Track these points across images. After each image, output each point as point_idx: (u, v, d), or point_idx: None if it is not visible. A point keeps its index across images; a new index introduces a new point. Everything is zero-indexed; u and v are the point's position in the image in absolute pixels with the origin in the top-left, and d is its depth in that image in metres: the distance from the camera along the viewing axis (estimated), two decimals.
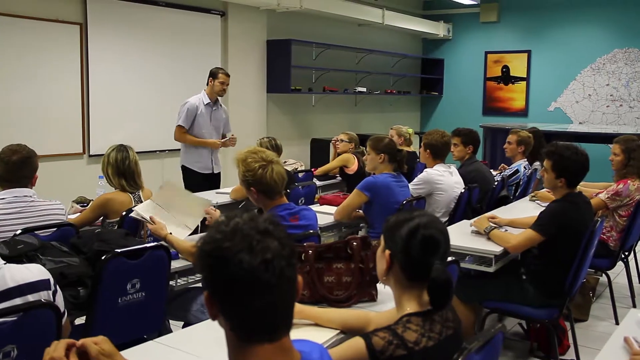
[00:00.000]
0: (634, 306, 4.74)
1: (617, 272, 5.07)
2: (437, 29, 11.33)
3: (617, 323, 4.39)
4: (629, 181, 4.38)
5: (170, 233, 2.99)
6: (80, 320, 2.70)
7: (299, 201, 4.74)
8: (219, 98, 5.70)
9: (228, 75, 5.66)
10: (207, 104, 5.60)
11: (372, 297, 2.40)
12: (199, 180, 5.52)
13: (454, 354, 1.62)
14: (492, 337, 1.67)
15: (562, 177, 3.25)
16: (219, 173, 5.82)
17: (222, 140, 5.64)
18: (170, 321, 3.24)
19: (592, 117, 10.42)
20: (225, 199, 4.89)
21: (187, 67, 7.33)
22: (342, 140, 6.18)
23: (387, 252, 1.76)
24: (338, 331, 2.07)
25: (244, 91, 8.09)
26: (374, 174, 4.18)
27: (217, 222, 1.19)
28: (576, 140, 6.87)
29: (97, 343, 1.35)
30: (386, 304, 2.39)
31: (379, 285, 2.44)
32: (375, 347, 1.60)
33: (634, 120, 10.10)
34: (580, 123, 10.45)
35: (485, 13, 11.12)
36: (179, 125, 5.56)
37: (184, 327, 3.04)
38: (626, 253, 4.72)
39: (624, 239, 4.42)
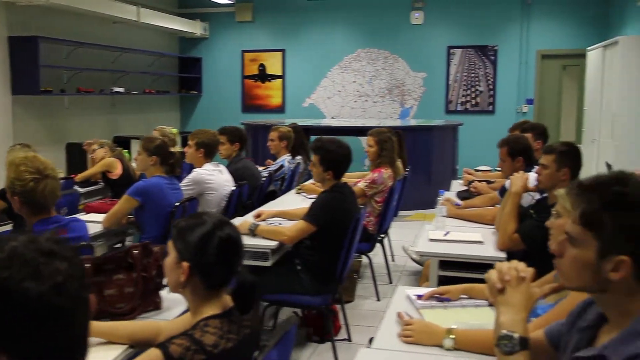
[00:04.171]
0: (391, 282, 5.24)
1: (375, 254, 5.55)
2: (194, 28, 11.27)
3: (378, 299, 4.81)
4: (382, 170, 4.82)
5: None
6: None
7: (60, 211, 4.40)
8: None
9: None
10: None
11: (157, 306, 2.32)
12: None
13: (253, 352, 1.64)
14: (288, 331, 1.71)
15: (329, 170, 3.46)
16: None
17: None
18: None
19: (342, 112, 11.24)
20: None
21: None
22: (95, 149, 5.88)
23: (186, 264, 1.67)
24: (127, 346, 1.97)
25: None
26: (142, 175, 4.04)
27: None
28: (331, 133, 7.36)
29: None
30: (171, 311, 2.34)
31: (162, 292, 2.37)
32: (173, 355, 1.54)
33: (378, 113, 11.11)
34: (332, 117, 11.20)
35: (240, 12, 11.35)
36: None
37: None
38: (382, 235, 5.19)
39: (381, 223, 4.87)
